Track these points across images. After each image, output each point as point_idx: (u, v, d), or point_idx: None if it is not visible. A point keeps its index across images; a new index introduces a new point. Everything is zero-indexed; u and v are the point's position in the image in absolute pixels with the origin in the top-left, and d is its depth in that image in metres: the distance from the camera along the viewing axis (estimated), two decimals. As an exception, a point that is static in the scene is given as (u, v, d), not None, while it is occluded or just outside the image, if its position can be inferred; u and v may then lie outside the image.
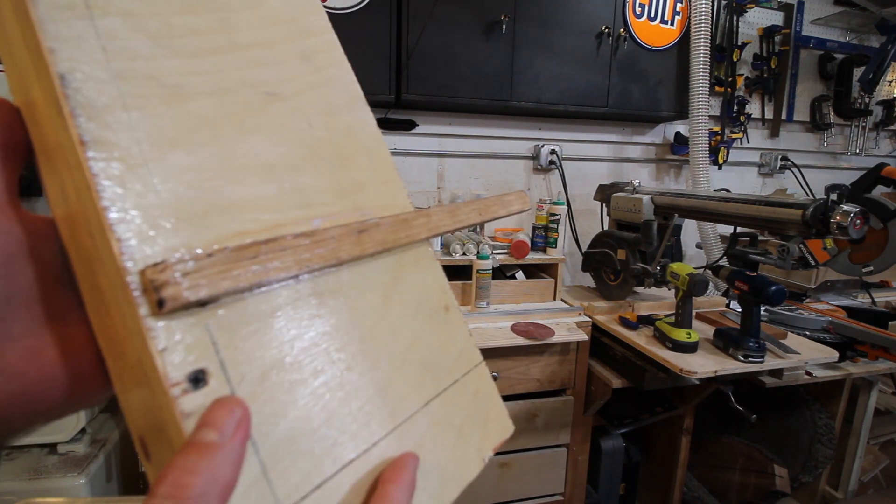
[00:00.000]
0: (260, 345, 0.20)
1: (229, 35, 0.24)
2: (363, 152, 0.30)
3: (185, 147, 0.20)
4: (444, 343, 0.30)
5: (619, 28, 1.73)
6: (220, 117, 0.22)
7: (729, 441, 1.76)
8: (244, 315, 0.20)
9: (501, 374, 1.40)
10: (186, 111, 0.21)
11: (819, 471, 1.65)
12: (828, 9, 2.24)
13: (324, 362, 0.22)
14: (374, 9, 1.47)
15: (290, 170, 0.25)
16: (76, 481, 1.08)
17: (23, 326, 0.19)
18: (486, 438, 0.30)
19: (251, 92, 0.24)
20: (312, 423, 0.21)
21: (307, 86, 0.28)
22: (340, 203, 0.26)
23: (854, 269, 1.67)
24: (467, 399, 0.30)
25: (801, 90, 2.29)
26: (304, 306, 0.22)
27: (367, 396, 0.24)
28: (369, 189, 0.29)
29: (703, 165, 1.89)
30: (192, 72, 0.22)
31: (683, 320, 1.25)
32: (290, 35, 0.28)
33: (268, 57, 0.26)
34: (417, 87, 1.57)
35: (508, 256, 1.58)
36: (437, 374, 0.29)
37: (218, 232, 0.20)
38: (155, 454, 0.18)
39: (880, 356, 1.43)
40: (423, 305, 0.29)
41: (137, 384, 0.17)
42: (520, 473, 1.49)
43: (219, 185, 0.21)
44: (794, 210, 1.05)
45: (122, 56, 0.19)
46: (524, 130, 1.95)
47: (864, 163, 2.36)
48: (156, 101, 0.20)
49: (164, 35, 0.21)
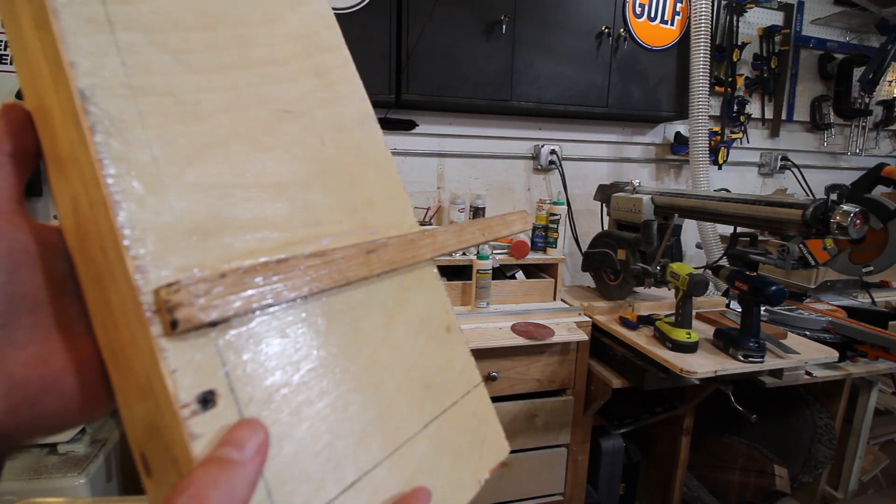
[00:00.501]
0: (268, 365, 0.20)
1: (245, 51, 0.24)
2: (372, 168, 0.30)
3: (200, 165, 0.20)
4: (445, 363, 0.30)
5: (619, 28, 1.73)
6: (234, 134, 0.22)
7: (729, 441, 1.76)
8: (254, 335, 0.20)
9: (501, 374, 1.40)
10: (202, 128, 0.21)
11: (819, 471, 1.65)
12: (828, 9, 2.24)
13: (329, 383, 0.22)
14: (374, 9, 1.48)
15: (302, 187, 0.25)
16: (76, 481, 1.08)
17: (27, 335, 0.18)
18: (482, 460, 0.30)
19: (265, 109, 0.24)
20: (316, 444, 0.21)
21: (320, 102, 0.28)
22: (350, 221, 0.27)
23: (854, 269, 1.67)
24: (466, 421, 0.30)
25: (801, 90, 2.29)
26: (312, 327, 0.22)
27: (370, 418, 0.24)
28: (378, 206, 0.29)
29: (703, 165, 1.89)
30: (209, 88, 0.22)
31: (683, 320, 1.25)
32: (305, 51, 0.28)
33: (282, 74, 0.26)
34: (417, 87, 1.57)
35: (508, 256, 1.58)
36: (438, 396, 0.29)
37: (230, 251, 0.20)
38: (157, 471, 0.18)
39: (880, 356, 1.43)
40: (426, 325, 0.30)
41: (143, 400, 0.17)
42: (520, 473, 1.49)
43: (232, 204, 0.21)
44: (794, 210, 1.05)
45: (141, 72, 0.19)
46: (524, 130, 1.95)
47: (864, 163, 2.36)
48: (173, 118, 0.20)
49: (183, 51, 0.21)
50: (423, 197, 1.90)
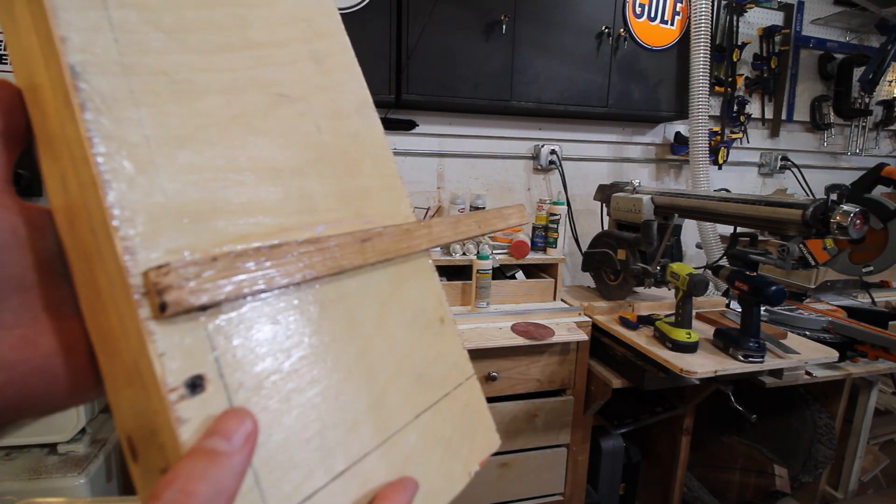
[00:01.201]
0: (259, 352, 0.20)
1: (243, 32, 0.24)
2: (369, 158, 0.29)
3: (192, 146, 0.20)
4: (438, 355, 0.30)
5: (619, 28, 1.73)
6: (229, 117, 0.22)
7: (729, 441, 1.76)
8: (244, 321, 0.19)
9: (501, 374, 1.40)
10: (196, 109, 0.21)
11: (819, 471, 1.65)
12: (828, 9, 2.24)
13: (321, 371, 0.22)
14: (374, 9, 1.48)
15: (297, 174, 0.24)
16: (76, 481, 1.08)
17: (15, 316, 0.18)
18: (473, 452, 0.30)
19: (261, 92, 0.24)
20: (306, 432, 0.21)
21: (317, 88, 0.27)
22: (344, 209, 0.26)
23: (854, 269, 1.67)
24: (457, 412, 0.30)
25: (801, 90, 2.29)
26: (305, 314, 0.22)
27: (361, 407, 0.24)
28: (373, 196, 0.29)
29: (703, 165, 1.89)
30: (204, 69, 0.22)
31: (683, 320, 1.25)
32: (304, 36, 0.28)
33: (280, 57, 0.26)
34: (417, 87, 1.57)
35: (508, 256, 1.58)
36: (430, 387, 0.28)
37: (222, 235, 0.20)
38: (143, 456, 0.17)
39: (880, 356, 1.43)
40: (420, 316, 0.29)
41: (130, 384, 0.17)
42: (520, 473, 1.49)
43: (225, 187, 0.21)
44: (794, 210, 1.05)
45: (134, 50, 0.19)
46: (524, 130, 1.95)
47: (864, 163, 2.36)
48: (166, 97, 0.20)
49: (178, 29, 0.21)
50: (423, 197, 1.90)
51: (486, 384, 1.39)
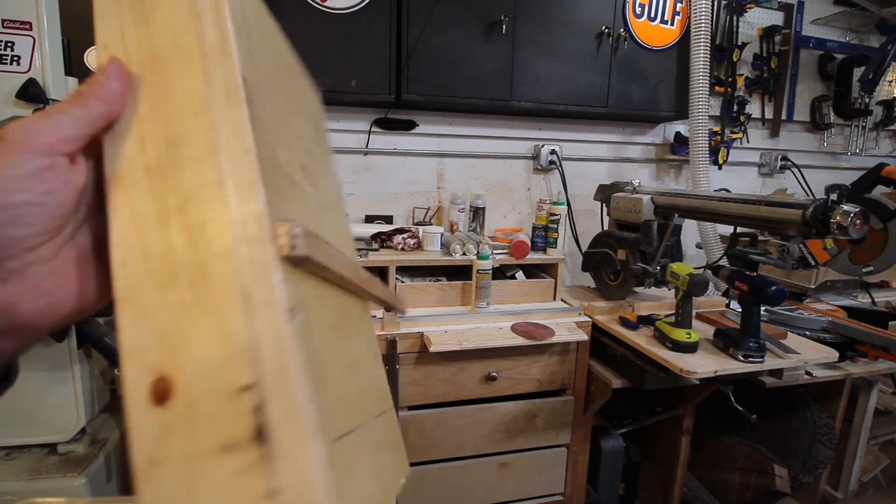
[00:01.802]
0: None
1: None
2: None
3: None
4: (380, 379, 0.36)
5: (619, 28, 1.73)
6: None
7: (729, 441, 1.76)
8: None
9: (501, 374, 1.40)
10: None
11: (819, 471, 1.64)
12: (828, 9, 2.24)
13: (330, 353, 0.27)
14: (374, 9, 1.47)
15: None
16: (76, 481, 1.08)
17: (50, 250, 0.22)
18: (397, 470, 0.35)
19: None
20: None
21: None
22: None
23: (854, 269, 1.67)
24: (372, 443, 0.32)
25: (801, 90, 2.29)
26: (326, 304, 0.27)
27: (346, 392, 0.29)
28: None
29: (703, 165, 1.89)
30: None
31: (683, 320, 1.25)
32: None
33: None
34: (417, 87, 1.57)
35: (508, 256, 1.58)
36: (356, 413, 0.30)
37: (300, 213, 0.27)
38: (183, 396, 0.18)
39: (880, 356, 1.43)
40: (372, 344, 0.37)
41: (208, 312, 0.19)
42: (520, 473, 1.49)
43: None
44: (794, 210, 1.05)
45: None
46: (524, 130, 1.95)
47: (864, 163, 2.36)
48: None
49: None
50: (423, 197, 1.90)
51: (486, 384, 1.39)
